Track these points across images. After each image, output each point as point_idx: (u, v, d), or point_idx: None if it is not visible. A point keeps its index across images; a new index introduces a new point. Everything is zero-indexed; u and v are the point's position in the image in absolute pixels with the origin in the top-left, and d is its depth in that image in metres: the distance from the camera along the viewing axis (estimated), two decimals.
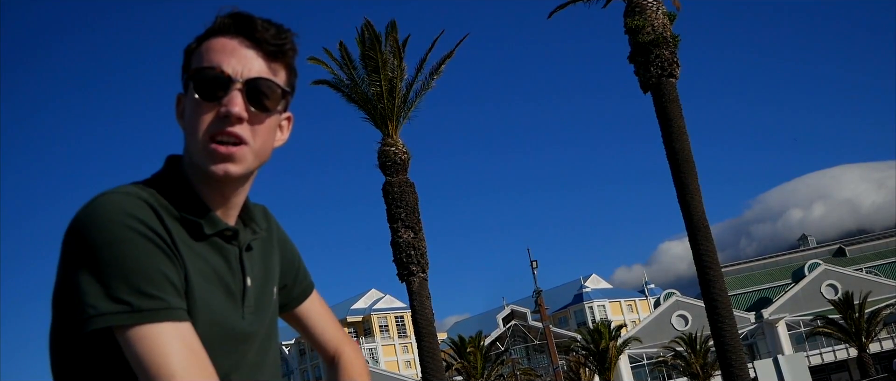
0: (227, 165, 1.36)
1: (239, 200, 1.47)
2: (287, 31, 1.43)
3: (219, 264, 1.40)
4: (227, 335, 1.39)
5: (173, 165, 1.44)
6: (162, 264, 1.28)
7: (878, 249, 68.81)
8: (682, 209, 20.85)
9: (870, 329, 50.54)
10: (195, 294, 1.34)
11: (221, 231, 1.42)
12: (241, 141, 1.37)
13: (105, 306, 1.24)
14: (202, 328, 1.33)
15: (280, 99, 1.42)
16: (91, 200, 1.31)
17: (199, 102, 1.37)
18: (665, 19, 22.12)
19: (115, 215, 1.27)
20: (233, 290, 1.42)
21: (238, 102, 1.36)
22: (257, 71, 1.39)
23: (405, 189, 24.98)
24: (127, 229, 1.27)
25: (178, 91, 1.46)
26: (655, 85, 21.60)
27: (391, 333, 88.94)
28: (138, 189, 1.35)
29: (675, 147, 21.00)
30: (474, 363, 52.33)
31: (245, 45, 1.40)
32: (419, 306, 24.24)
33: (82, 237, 1.27)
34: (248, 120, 1.37)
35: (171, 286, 1.28)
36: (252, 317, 1.45)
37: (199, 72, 1.38)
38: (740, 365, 20.39)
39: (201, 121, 1.36)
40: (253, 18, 1.40)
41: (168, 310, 1.26)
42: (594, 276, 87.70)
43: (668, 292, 66.87)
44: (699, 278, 20.74)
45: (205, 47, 1.41)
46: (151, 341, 1.23)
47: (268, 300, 1.52)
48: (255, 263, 1.50)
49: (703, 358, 51.81)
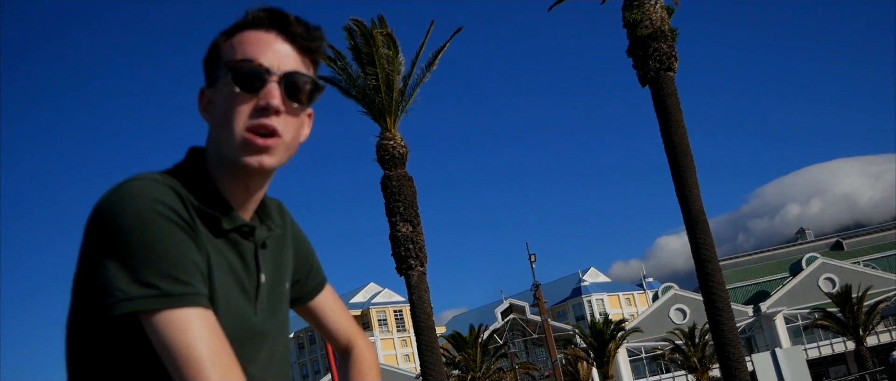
0: (261, 157, 1.38)
1: (260, 195, 1.48)
2: (318, 28, 1.46)
3: (234, 260, 1.41)
4: (241, 330, 1.39)
5: (195, 158, 1.44)
6: (190, 250, 1.29)
7: (876, 242, 68.93)
8: (681, 203, 20.88)
9: (867, 322, 50.65)
10: (215, 285, 1.34)
11: (239, 227, 1.42)
12: (275, 133, 1.38)
13: (134, 290, 1.23)
14: (220, 320, 1.32)
15: (312, 93, 1.44)
16: (117, 186, 1.30)
17: (237, 94, 1.38)
18: (663, 13, 22.13)
19: (142, 201, 1.27)
20: (247, 287, 1.42)
21: (276, 95, 1.38)
22: (293, 65, 1.42)
23: (404, 183, 24.98)
24: (155, 214, 1.26)
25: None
26: (654, 79, 21.62)
27: (390, 327, 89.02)
28: (163, 177, 1.35)
29: (673, 141, 21.02)
30: (473, 356, 52.40)
31: (281, 40, 1.42)
32: (418, 300, 24.25)
33: (109, 222, 1.26)
34: (283, 113, 1.40)
35: (198, 273, 1.29)
36: (264, 314, 1.45)
37: (238, 63, 1.39)
38: (738, 359, 20.44)
39: (238, 112, 1.37)
40: (287, 14, 1.43)
41: (196, 295, 1.26)
42: (592, 270, 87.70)
43: (666, 286, 67.01)
44: (697, 272, 20.77)
45: (238, 40, 1.42)
46: (179, 325, 1.23)
47: (280, 298, 1.52)
48: (269, 260, 1.50)
49: (701, 351, 51.94)
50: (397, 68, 25.29)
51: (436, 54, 25.48)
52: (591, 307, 79.57)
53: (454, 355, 52.82)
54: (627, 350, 60.36)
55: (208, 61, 1.46)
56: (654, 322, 60.88)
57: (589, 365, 55.28)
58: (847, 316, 50.65)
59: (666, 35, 21.87)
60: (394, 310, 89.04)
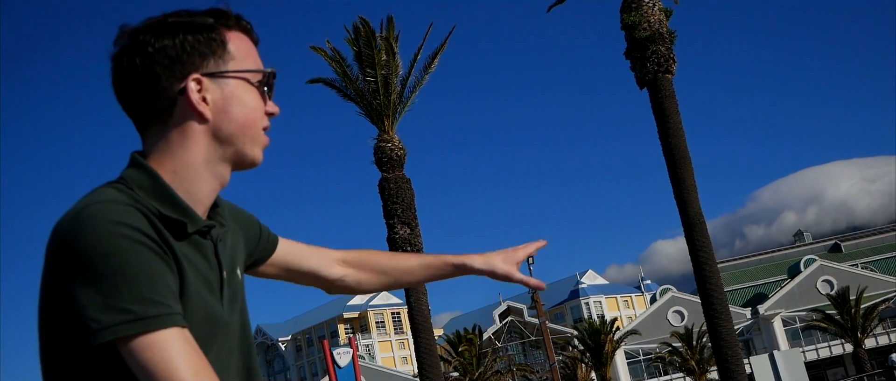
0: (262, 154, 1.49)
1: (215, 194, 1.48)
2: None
3: (199, 261, 1.39)
4: (218, 328, 1.39)
5: (143, 163, 1.40)
6: (160, 269, 1.26)
7: (874, 244, 68.96)
8: (679, 205, 20.90)
9: (865, 325, 50.69)
10: (191, 293, 1.33)
11: (200, 228, 1.41)
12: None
13: (108, 318, 1.20)
14: (200, 326, 1.32)
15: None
16: (76, 210, 1.27)
17: (261, 101, 1.46)
18: (661, 15, 22.16)
19: (106, 225, 1.24)
20: (213, 284, 1.41)
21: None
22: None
23: (401, 185, 24.98)
24: (120, 237, 1.23)
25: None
26: (652, 81, 21.64)
27: (388, 329, 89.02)
28: (121, 194, 1.32)
29: (671, 143, 21.04)
30: (470, 359, 52.40)
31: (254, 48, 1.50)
32: (415, 302, 24.24)
33: (74, 250, 1.23)
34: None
35: (170, 292, 1.27)
36: (229, 307, 1.45)
37: (271, 75, 1.47)
38: (736, 361, 20.44)
39: (261, 117, 1.46)
40: (247, 21, 1.50)
41: (170, 315, 1.24)
42: (590, 272, 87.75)
43: (664, 288, 67.04)
44: (695, 274, 20.79)
45: (242, 43, 1.45)
46: (157, 348, 1.21)
47: (237, 288, 1.51)
48: (226, 254, 1.49)
49: (699, 354, 51.92)
50: (395, 71, 25.31)
51: (433, 56, 25.52)
52: (588, 310, 79.61)
53: (452, 357, 52.83)
54: (625, 353, 60.35)
55: (201, 42, 1.39)
56: (652, 325, 60.88)
57: (587, 368, 55.26)
58: (845, 318, 50.67)
59: (664, 37, 21.90)
60: (392, 312, 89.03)
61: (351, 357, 22.18)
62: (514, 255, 1.93)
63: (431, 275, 1.92)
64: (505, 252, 1.93)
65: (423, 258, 1.95)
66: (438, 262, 1.92)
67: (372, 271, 1.89)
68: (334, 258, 1.85)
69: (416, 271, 1.92)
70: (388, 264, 1.92)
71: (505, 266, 1.91)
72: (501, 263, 1.91)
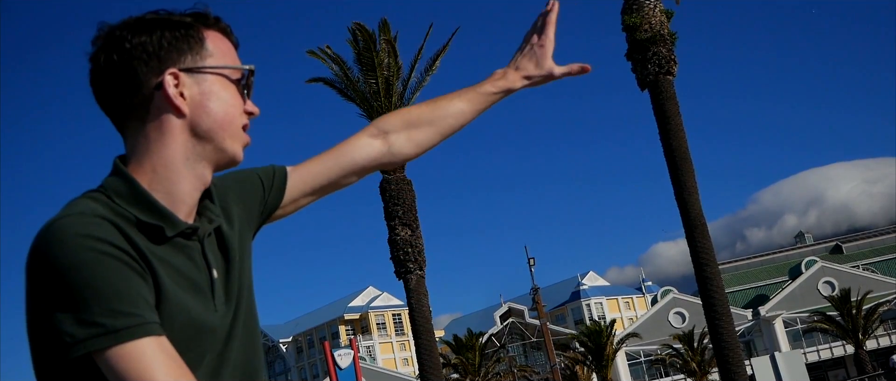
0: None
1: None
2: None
3: (183, 264, 1.38)
4: (205, 334, 1.37)
5: (121, 169, 1.40)
6: (130, 280, 1.25)
7: (875, 246, 68.94)
8: (680, 207, 20.89)
9: (867, 326, 50.66)
10: (170, 299, 1.31)
11: (182, 231, 1.39)
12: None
13: (80, 332, 1.21)
14: (182, 332, 1.31)
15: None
16: (46, 226, 1.27)
17: (237, 97, 1.46)
18: (662, 17, 22.15)
19: (73, 238, 1.23)
20: (202, 286, 1.39)
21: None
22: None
23: (402, 186, 24.99)
24: (88, 250, 1.23)
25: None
26: (653, 82, 21.64)
27: (388, 330, 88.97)
28: (92, 204, 1.32)
29: (672, 145, 21.03)
30: (472, 360, 52.39)
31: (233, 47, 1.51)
32: (416, 303, 24.25)
33: (44, 265, 1.24)
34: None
35: (143, 301, 1.26)
36: (223, 308, 1.42)
37: (250, 73, 1.47)
38: (737, 362, 20.43)
39: (239, 115, 1.46)
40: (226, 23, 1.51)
41: (144, 325, 1.23)
42: (591, 273, 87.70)
43: (665, 290, 66.99)
44: (696, 276, 20.78)
45: (219, 43, 1.46)
46: (131, 358, 1.21)
47: (235, 287, 1.47)
48: (216, 252, 1.47)
49: (701, 355, 51.89)
50: (397, 73, 25.32)
51: (434, 59, 25.50)
52: (589, 311, 79.57)
53: (453, 358, 52.82)
54: (626, 354, 60.32)
55: (180, 39, 1.40)
56: (653, 326, 60.85)
57: (588, 369, 55.23)
58: (846, 320, 50.63)
59: (665, 39, 21.89)
60: (392, 314, 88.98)
61: (352, 359, 22.19)
62: (542, 50, 1.84)
63: (481, 109, 1.85)
64: (526, 53, 1.86)
65: (464, 95, 1.84)
66: (481, 94, 1.83)
67: (424, 126, 1.82)
68: (367, 137, 1.78)
69: (467, 110, 1.84)
70: (436, 112, 1.83)
71: (546, 67, 1.83)
72: (536, 68, 1.84)
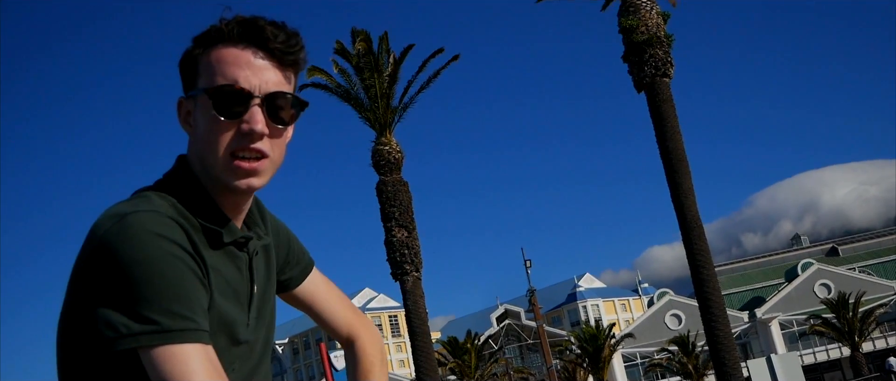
0: (250, 180, 1.37)
1: (248, 205, 1.46)
2: (296, 35, 1.40)
3: (231, 273, 1.40)
4: (237, 345, 1.40)
5: (186, 169, 1.41)
6: (192, 284, 1.27)
7: (871, 248, 68.95)
8: (676, 209, 20.88)
9: (863, 329, 50.68)
10: (214, 306, 1.33)
11: (236, 240, 1.41)
12: (262, 155, 1.36)
13: (135, 326, 1.22)
14: (220, 340, 1.33)
15: (295, 112, 1.41)
16: (120, 218, 1.27)
17: (217, 120, 1.34)
18: (659, 19, 22.14)
19: (146, 235, 1.25)
20: (242, 297, 1.41)
21: (259, 119, 1.34)
22: (274, 84, 1.37)
23: (399, 188, 24.97)
24: (159, 249, 1.25)
25: (178, 92, 1.43)
26: (649, 85, 21.62)
27: (385, 332, 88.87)
28: (163, 203, 1.33)
29: (668, 147, 21.01)
30: (468, 362, 52.34)
31: (258, 56, 1.36)
32: (413, 305, 24.22)
33: (111, 256, 1.24)
34: (267, 135, 1.37)
35: (199, 307, 1.27)
36: (254, 324, 1.45)
37: (217, 91, 1.34)
38: (734, 365, 20.40)
39: (221, 139, 1.34)
40: (262, 25, 1.36)
41: (196, 331, 1.25)
42: (588, 275, 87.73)
43: (661, 292, 66.93)
44: (693, 278, 20.75)
45: (215, 58, 1.36)
46: (177, 360, 1.22)
47: (267, 306, 1.51)
48: (260, 269, 1.49)
49: (697, 358, 51.89)
50: (396, 79, 25.35)
51: (434, 74, 25.35)
52: (586, 313, 79.58)
53: (449, 360, 52.77)
54: (623, 356, 60.28)
55: (185, 69, 1.42)
56: (649, 328, 60.83)
57: (585, 371, 55.19)
58: (842, 322, 50.65)
59: (662, 41, 21.87)
60: (389, 315, 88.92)
61: None
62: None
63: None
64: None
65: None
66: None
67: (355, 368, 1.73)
68: (345, 332, 1.74)
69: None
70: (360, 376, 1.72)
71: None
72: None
